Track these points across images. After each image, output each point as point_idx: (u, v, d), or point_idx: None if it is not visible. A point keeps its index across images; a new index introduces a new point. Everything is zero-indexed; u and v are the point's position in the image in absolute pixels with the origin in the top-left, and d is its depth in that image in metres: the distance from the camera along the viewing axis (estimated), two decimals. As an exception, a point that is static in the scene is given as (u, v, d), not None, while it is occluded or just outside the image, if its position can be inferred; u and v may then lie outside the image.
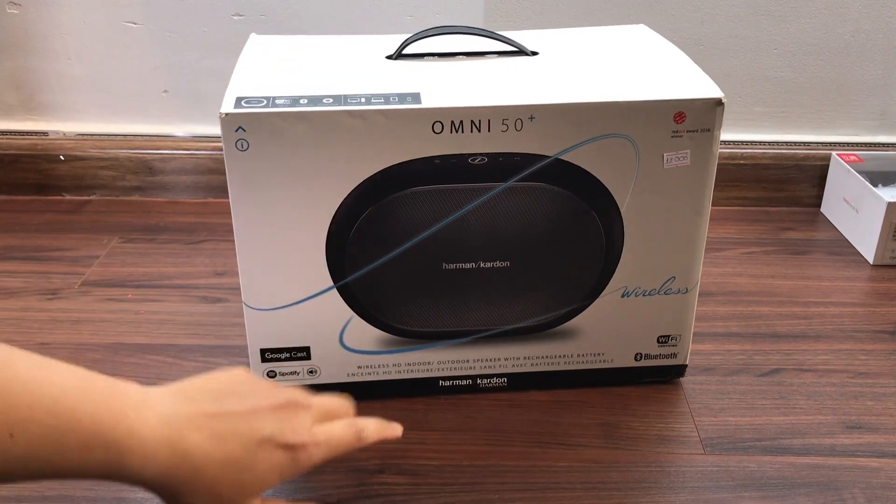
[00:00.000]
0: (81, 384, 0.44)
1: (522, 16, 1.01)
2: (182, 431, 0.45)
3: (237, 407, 0.47)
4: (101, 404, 0.43)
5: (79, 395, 0.43)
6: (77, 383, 0.43)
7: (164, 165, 1.07)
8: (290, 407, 0.49)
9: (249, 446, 0.46)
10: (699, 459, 0.65)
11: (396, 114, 0.59)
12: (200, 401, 0.47)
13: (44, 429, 0.41)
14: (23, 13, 1.03)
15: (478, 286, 0.67)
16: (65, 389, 0.43)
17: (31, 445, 0.41)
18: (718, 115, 0.62)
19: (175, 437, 0.45)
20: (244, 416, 0.47)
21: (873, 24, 1.00)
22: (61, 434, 0.41)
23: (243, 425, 0.47)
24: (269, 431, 0.47)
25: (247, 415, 0.47)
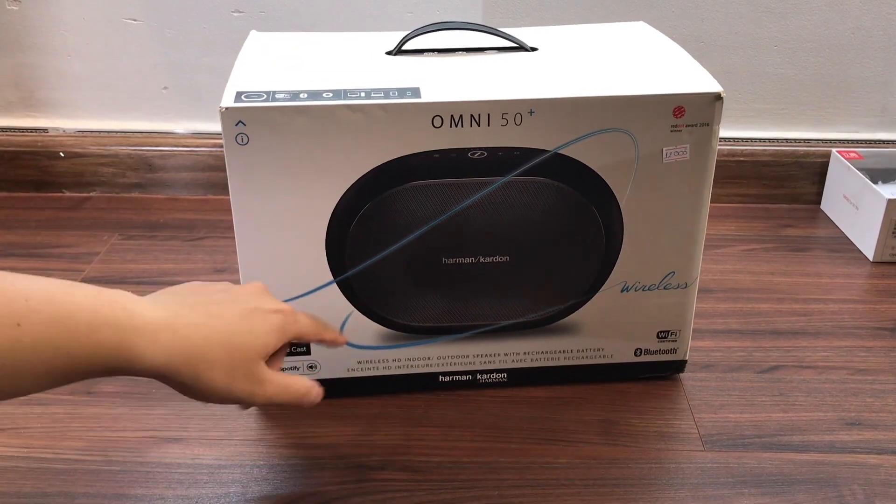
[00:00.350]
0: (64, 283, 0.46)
1: (521, 13, 1.01)
2: (178, 312, 0.48)
3: (219, 293, 0.52)
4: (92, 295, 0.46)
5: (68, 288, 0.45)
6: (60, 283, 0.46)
7: (164, 162, 1.07)
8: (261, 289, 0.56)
9: (243, 314, 0.51)
10: (699, 456, 0.65)
11: (396, 108, 0.59)
12: (184, 294, 0.51)
13: (48, 316, 0.43)
14: (22, 10, 1.03)
15: (477, 281, 0.67)
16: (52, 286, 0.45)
17: (39, 332, 0.43)
18: (717, 110, 0.62)
19: (172, 318, 0.48)
20: (229, 297, 0.52)
21: (873, 20, 1.00)
22: (65, 317, 0.44)
23: (230, 303, 0.52)
24: (254, 304, 0.52)
25: (231, 296, 0.52)
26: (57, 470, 0.62)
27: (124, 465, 0.63)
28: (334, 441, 0.66)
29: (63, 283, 0.46)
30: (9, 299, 0.43)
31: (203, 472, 0.63)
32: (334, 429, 0.67)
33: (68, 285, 0.46)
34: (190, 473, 0.62)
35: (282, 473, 0.63)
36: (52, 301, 0.44)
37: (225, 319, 0.50)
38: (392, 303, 0.67)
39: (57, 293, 0.45)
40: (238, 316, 0.51)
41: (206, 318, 0.49)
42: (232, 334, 0.50)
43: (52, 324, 0.44)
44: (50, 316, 0.44)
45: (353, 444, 0.65)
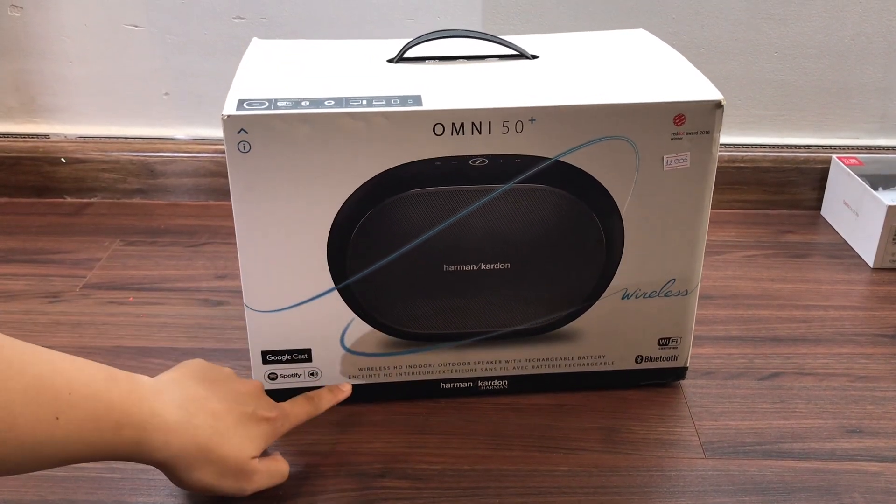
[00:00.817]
0: (104, 373, 0.50)
1: (521, 20, 1.01)
2: (189, 412, 0.53)
3: (225, 392, 0.57)
4: (126, 390, 0.50)
5: (107, 382, 0.49)
6: (101, 372, 0.50)
7: (166, 168, 1.07)
8: (259, 390, 0.60)
9: (240, 419, 0.56)
10: (699, 463, 0.65)
11: (398, 116, 0.59)
12: (194, 387, 0.56)
13: (84, 412, 0.47)
14: (24, 16, 1.03)
15: (478, 288, 0.67)
16: (94, 377, 0.49)
17: (74, 427, 0.46)
18: (718, 118, 0.62)
19: (184, 420, 0.52)
20: (231, 396, 0.57)
21: (873, 27, 1.01)
22: (98, 416, 0.48)
23: (232, 403, 0.56)
24: (251, 408, 0.57)
25: (233, 395, 0.57)
26: (59, 477, 0.62)
27: (125, 472, 0.63)
28: (335, 449, 0.66)
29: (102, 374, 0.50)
30: (55, 390, 0.46)
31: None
32: (335, 436, 0.67)
33: (106, 377, 0.50)
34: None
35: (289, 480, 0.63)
36: (91, 396, 0.48)
37: (225, 423, 0.55)
38: (393, 310, 0.67)
39: (96, 387, 0.48)
40: (236, 420, 0.56)
41: (211, 418, 0.54)
42: (229, 438, 0.55)
43: (87, 420, 0.47)
44: (86, 413, 0.47)
45: (353, 452, 0.65)
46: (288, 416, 0.60)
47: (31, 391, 0.45)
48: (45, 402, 0.45)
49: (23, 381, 0.44)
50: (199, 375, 0.57)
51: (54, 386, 0.46)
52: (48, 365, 0.47)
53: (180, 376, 0.56)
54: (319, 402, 0.64)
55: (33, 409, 0.44)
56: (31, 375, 0.45)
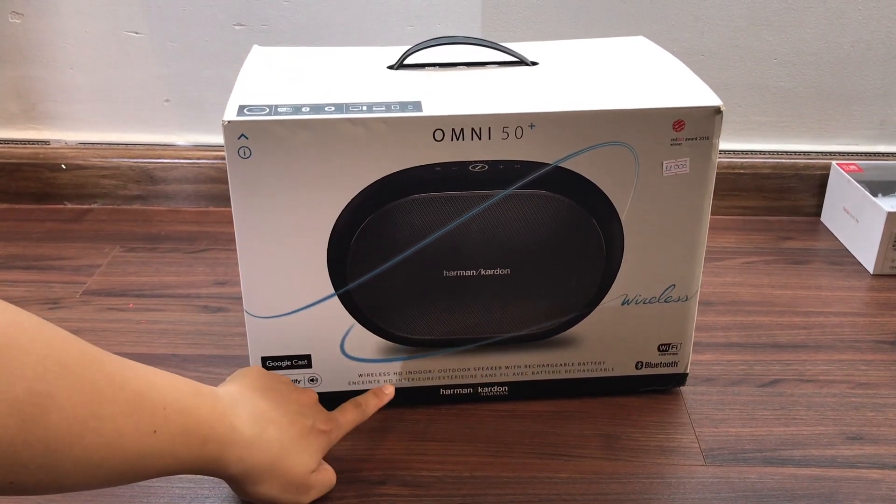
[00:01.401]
0: (190, 387, 0.52)
1: (521, 27, 1.01)
2: (262, 426, 0.55)
3: (287, 404, 0.58)
4: (210, 405, 0.52)
5: (194, 397, 0.51)
6: (187, 386, 0.52)
7: (166, 174, 1.08)
8: (315, 401, 0.62)
9: (302, 433, 0.57)
10: (700, 471, 0.65)
11: (398, 122, 0.60)
12: (260, 400, 0.57)
13: (177, 426, 0.48)
14: (25, 22, 1.03)
15: (478, 294, 0.67)
16: (183, 392, 0.51)
17: (168, 441, 0.48)
18: (717, 123, 0.62)
19: (258, 435, 0.54)
20: (295, 413, 0.58)
21: (873, 34, 1.01)
22: (189, 431, 0.49)
23: (296, 419, 0.58)
24: (310, 421, 0.59)
25: (296, 411, 0.58)
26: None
27: (124, 478, 0.63)
28: (335, 455, 0.65)
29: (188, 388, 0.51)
30: (152, 406, 0.47)
31: (205, 486, 0.62)
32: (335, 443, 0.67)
33: (193, 392, 0.52)
34: (192, 488, 0.62)
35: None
36: (183, 411, 0.49)
37: (290, 437, 0.57)
38: (393, 316, 0.67)
39: (186, 403, 0.50)
40: (299, 434, 0.57)
41: (278, 432, 0.56)
42: (293, 453, 0.56)
43: (179, 435, 0.49)
44: (179, 427, 0.49)
45: (354, 459, 0.65)
46: (340, 425, 0.62)
47: (132, 405, 0.46)
48: (144, 416, 0.46)
49: (125, 396, 0.46)
50: (261, 385, 0.59)
51: (152, 401, 0.47)
52: (144, 380, 0.48)
53: (245, 388, 0.58)
54: (366, 407, 0.65)
55: (135, 421, 0.46)
56: (132, 390, 0.46)
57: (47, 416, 0.40)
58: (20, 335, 0.40)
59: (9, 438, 0.39)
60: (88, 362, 0.44)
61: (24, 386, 0.39)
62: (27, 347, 0.40)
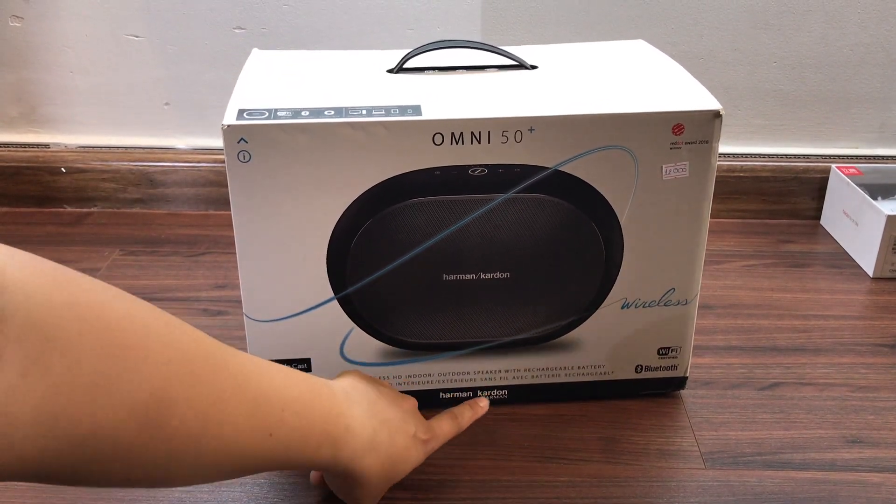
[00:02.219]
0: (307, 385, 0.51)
1: (521, 30, 1.01)
2: (375, 428, 0.54)
3: (394, 411, 0.57)
4: (327, 406, 0.51)
5: (311, 397, 0.50)
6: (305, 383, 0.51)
7: (166, 178, 1.08)
8: (416, 408, 0.61)
9: (406, 443, 0.57)
10: (700, 474, 0.65)
11: (397, 126, 0.60)
12: (368, 404, 0.56)
13: (293, 430, 0.48)
14: (25, 26, 1.03)
15: (478, 297, 0.67)
16: (302, 391, 0.50)
17: (282, 444, 0.47)
18: (717, 127, 0.62)
19: (372, 439, 0.54)
20: (401, 420, 0.57)
21: (872, 37, 1.01)
22: (304, 434, 0.49)
23: (402, 425, 0.57)
24: (413, 430, 0.58)
25: (402, 418, 0.58)
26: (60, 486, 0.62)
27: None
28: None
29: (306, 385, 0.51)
30: (270, 406, 0.47)
31: (204, 489, 0.62)
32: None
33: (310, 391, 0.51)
34: (191, 491, 0.62)
35: (282, 492, 0.62)
36: (300, 413, 0.49)
37: (398, 446, 0.56)
38: (393, 319, 0.67)
39: (305, 403, 0.49)
40: (404, 443, 0.57)
41: (390, 438, 0.55)
42: (397, 463, 0.56)
43: (294, 438, 0.48)
44: (294, 430, 0.48)
45: (353, 462, 0.65)
46: (437, 437, 0.61)
47: (252, 407, 0.45)
48: (262, 418, 0.46)
49: (246, 398, 0.45)
50: (372, 384, 0.59)
51: (270, 402, 0.47)
52: (266, 378, 0.47)
53: (359, 384, 0.58)
54: (462, 419, 0.63)
55: (253, 424, 0.45)
56: (252, 392, 0.46)
57: (168, 421, 0.40)
58: (148, 336, 0.40)
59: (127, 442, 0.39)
60: (213, 366, 0.44)
61: (147, 391, 0.39)
62: (154, 351, 0.40)
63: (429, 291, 0.66)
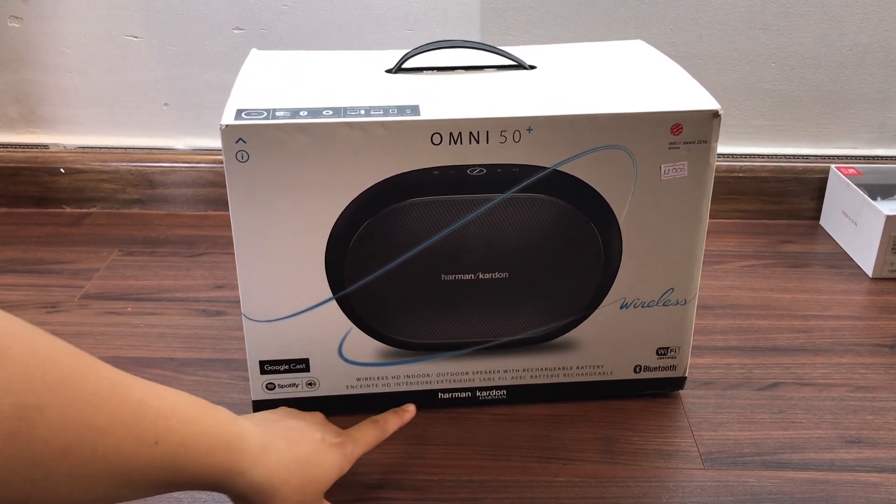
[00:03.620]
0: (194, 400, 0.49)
1: (519, 31, 1.01)
2: (272, 435, 0.53)
3: (293, 422, 0.58)
4: (214, 416, 0.50)
5: (198, 406, 0.49)
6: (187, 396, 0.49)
7: (165, 178, 1.08)
8: (323, 419, 0.61)
9: (315, 445, 0.56)
10: (698, 474, 0.65)
11: (396, 125, 0.60)
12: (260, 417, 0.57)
13: (180, 436, 0.46)
14: (24, 27, 1.03)
15: (477, 297, 0.67)
16: (186, 402, 0.48)
17: (170, 452, 0.45)
18: (715, 127, 0.62)
19: (269, 441, 0.53)
20: (302, 428, 0.57)
21: (871, 37, 1.01)
22: (192, 440, 0.47)
23: (304, 433, 0.57)
24: (320, 435, 0.57)
25: (303, 426, 0.58)
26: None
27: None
28: (333, 459, 0.65)
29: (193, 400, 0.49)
30: (154, 415, 0.45)
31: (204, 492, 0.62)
32: (333, 446, 0.67)
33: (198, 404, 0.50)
34: (191, 493, 0.62)
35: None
36: (187, 421, 0.47)
37: (304, 448, 0.55)
38: (391, 319, 0.67)
39: (192, 410, 0.48)
40: (312, 447, 0.56)
41: (290, 444, 0.54)
42: (308, 465, 0.55)
43: (182, 445, 0.46)
44: (183, 437, 0.46)
45: (351, 462, 0.65)
46: (356, 440, 0.60)
47: (133, 415, 0.44)
48: (146, 426, 0.44)
49: (123, 403, 0.43)
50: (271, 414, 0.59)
51: (154, 410, 0.45)
52: (145, 387, 0.46)
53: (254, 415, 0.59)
54: (385, 424, 0.63)
55: (136, 433, 0.44)
56: (134, 399, 0.44)
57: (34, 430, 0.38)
58: (12, 345, 0.39)
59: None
60: (85, 374, 0.43)
61: (10, 400, 0.37)
62: (18, 359, 0.39)
63: (427, 291, 0.66)
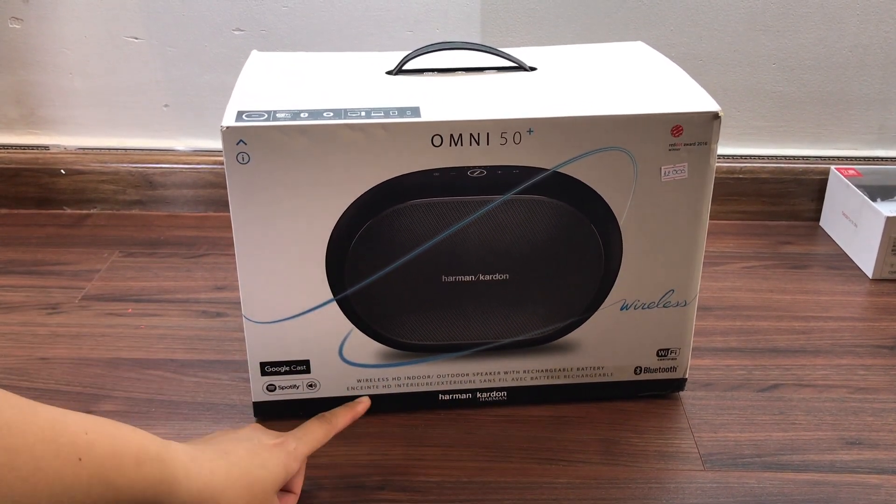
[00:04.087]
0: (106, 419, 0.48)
1: (520, 32, 1.01)
2: (198, 448, 0.52)
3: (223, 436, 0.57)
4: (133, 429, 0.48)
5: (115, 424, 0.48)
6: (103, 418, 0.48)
7: (165, 179, 1.08)
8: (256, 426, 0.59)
9: (251, 450, 0.55)
10: (699, 476, 0.65)
11: (396, 127, 0.60)
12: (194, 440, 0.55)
13: (104, 449, 0.45)
14: (24, 28, 1.03)
15: (477, 299, 0.67)
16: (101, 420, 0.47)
17: (97, 467, 0.44)
18: (715, 129, 0.62)
19: (198, 453, 0.51)
20: (233, 437, 0.56)
21: (871, 39, 1.01)
22: (117, 453, 0.46)
23: (236, 441, 0.55)
24: (256, 440, 0.56)
25: (234, 436, 0.56)
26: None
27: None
28: (333, 461, 0.65)
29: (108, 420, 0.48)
30: (73, 433, 0.44)
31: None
32: (333, 448, 0.67)
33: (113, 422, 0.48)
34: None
35: (281, 493, 0.62)
36: (107, 434, 0.46)
37: (238, 455, 0.54)
38: (392, 321, 0.67)
39: (109, 428, 0.47)
40: (248, 452, 0.55)
41: (223, 454, 0.53)
42: (248, 468, 0.53)
43: (107, 458, 0.45)
44: (105, 451, 0.45)
45: (352, 464, 0.65)
46: (300, 437, 0.59)
47: (50, 433, 0.42)
48: (65, 443, 0.43)
49: (39, 424, 0.42)
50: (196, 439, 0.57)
51: (70, 427, 0.44)
52: (59, 411, 0.45)
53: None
54: (333, 418, 0.62)
55: (55, 450, 0.42)
56: (45, 419, 0.43)
57: None
58: None
59: None
60: None
61: None
62: None
63: (428, 293, 0.66)
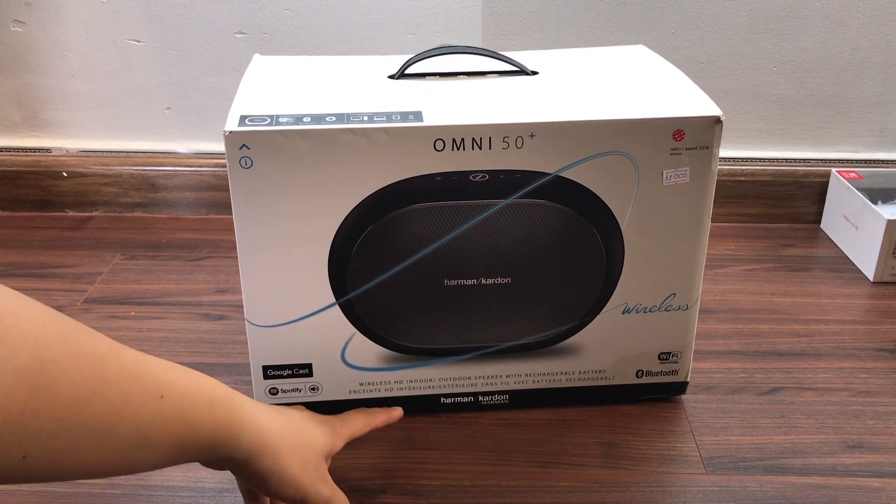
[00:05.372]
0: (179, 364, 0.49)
1: (521, 36, 1.02)
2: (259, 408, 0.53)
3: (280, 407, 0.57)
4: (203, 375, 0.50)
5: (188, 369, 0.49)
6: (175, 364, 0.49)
7: (167, 182, 1.08)
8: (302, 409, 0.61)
9: (304, 416, 0.58)
10: (700, 479, 0.65)
11: (398, 132, 0.60)
12: None
13: (182, 389, 0.47)
14: (27, 31, 1.03)
15: (479, 303, 0.67)
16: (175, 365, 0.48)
17: (175, 405, 0.46)
18: (717, 133, 0.62)
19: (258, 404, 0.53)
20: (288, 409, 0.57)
21: (872, 42, 1.01)
22: (193, 394, 0.48)
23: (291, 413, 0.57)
24: (308, 414, 0.59)
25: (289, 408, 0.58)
26: (59, 493, 0.62)
27: (126, 488, 0.63)
28: (335, 464, 0.65)
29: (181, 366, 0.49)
30: (155, 371, 0.46)
31: (206, 495, 0.62)
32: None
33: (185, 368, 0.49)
34: (193, 497, 0.62)
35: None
36: (183, 378, 0.48)
37: (293, 416, 0.56)
38: (394, 325, 0.67)
39: (183, 371, 0.48)
40: (302, 418, 0.57)
41: (280, 411, 0.55)
42: (301, 428, 0.56)
43: (185, 397, 0.47)
44: (183, 391, 0.47)
45: (353, 468, 0.65)
46: (344, 420, 0.61)
47: (136, 370, 0.44)
48: (150, 380, 0.44)
49: (125, 359, 0.44)
50: None
51: (152, 366, 0.46)
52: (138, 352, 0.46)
53: None
54: (375, 417, 0.64)
55: (141, 386, 0.44)
56: (131, 356, 0.45)
57: (55, 384, 0.39)
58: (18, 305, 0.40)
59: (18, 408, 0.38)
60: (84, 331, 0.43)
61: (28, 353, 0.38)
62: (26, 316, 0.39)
63: (430, 297, 0.66)
